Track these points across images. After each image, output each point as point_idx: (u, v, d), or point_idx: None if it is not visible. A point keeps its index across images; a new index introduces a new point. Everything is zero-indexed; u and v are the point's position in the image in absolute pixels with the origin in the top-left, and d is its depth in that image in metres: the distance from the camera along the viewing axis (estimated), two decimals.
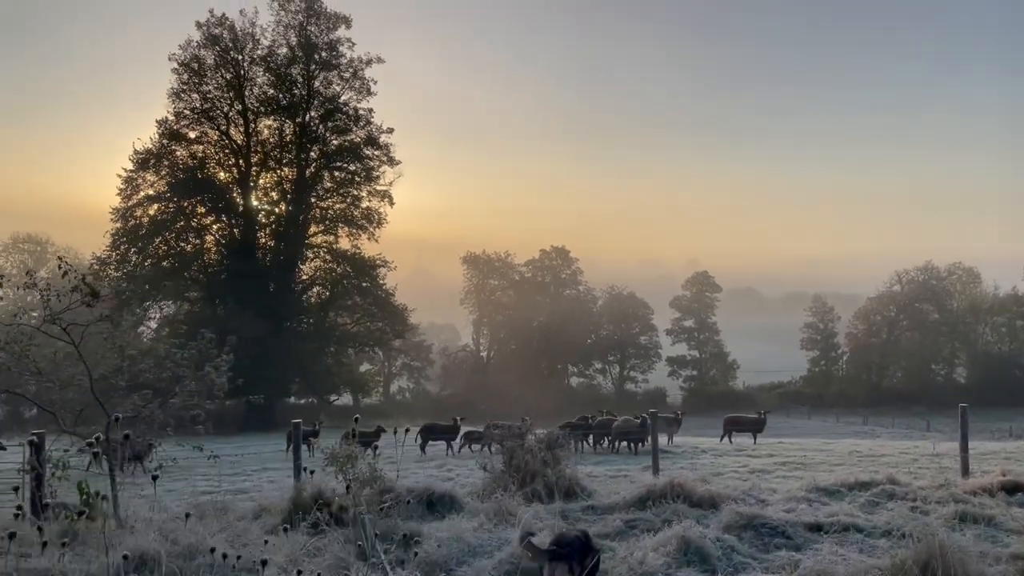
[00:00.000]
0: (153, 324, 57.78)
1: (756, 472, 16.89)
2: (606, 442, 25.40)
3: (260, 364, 49.69)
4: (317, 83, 54.76)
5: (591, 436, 25.71)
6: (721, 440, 27.38)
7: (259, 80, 54.22)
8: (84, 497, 10.50)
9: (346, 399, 68.97)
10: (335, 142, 55.65)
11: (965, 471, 13.88)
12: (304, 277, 56.97)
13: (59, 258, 11.94)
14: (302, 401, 61.26)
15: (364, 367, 77.79)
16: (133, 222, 51.11)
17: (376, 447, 26.46)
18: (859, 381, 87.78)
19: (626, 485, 13.44)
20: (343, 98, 55.30)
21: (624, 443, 24.45)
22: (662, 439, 24.84)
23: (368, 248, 56.75)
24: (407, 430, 28.12)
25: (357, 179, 55.76)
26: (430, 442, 26.65)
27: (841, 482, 12.91)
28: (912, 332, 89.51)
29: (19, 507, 10.28)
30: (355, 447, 11.37)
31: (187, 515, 8.43)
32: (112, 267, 50.27)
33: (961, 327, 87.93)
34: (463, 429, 27.00)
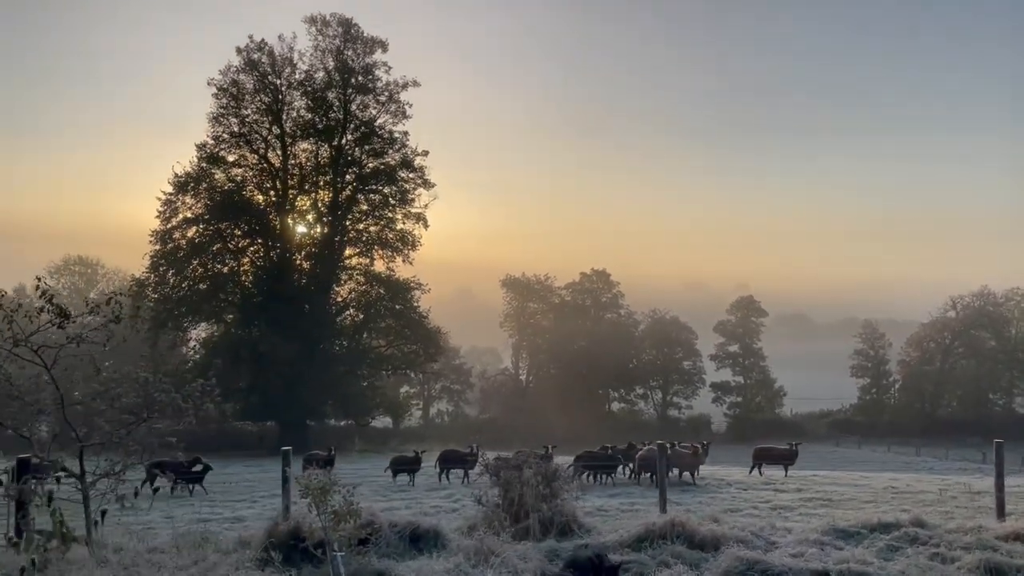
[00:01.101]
0: (192, 344, 58.50)
1: (778, 509, 15.97)
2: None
3: (294, 386, 49.71)
4: (353, 107, 55.02)
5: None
6: (750, 472, 26.16)
7: (296, 104, 54.75)
8: (58, 526, 10.16)
9: (385, 422, 68.76)
10: (370, 165, 55.72)
11: (1001, 512, 12.79)
12: (339, 299, 56.94)
13: (37, 278, 11.66)
14: (342, 423, 61.14)
15: (404, 390, 77.70)
16: (171, 244, 51.64)
17: (415, 473, 25.81)
18: (912, 410, 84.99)
19: (629, 521, 12.62)
20: (379, 121, 55.51)
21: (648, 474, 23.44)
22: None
23: (402, 270, 56.73)
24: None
25: (392, 202, 55.72)
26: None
27: (862, 523, 12.06)
28: (968, 360, 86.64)
29: (8, 536, 10.01)
30: (328, 477, 10.87)
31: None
32: (150, 289, 50.78)
33: (1020, 355, 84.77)
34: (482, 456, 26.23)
